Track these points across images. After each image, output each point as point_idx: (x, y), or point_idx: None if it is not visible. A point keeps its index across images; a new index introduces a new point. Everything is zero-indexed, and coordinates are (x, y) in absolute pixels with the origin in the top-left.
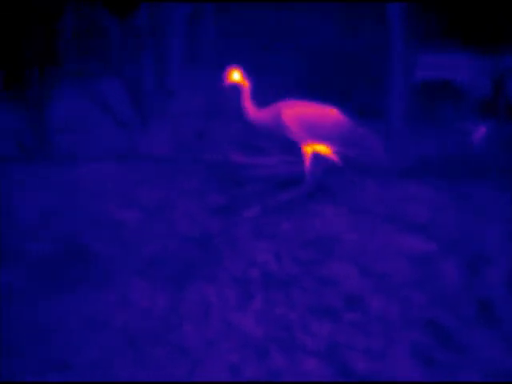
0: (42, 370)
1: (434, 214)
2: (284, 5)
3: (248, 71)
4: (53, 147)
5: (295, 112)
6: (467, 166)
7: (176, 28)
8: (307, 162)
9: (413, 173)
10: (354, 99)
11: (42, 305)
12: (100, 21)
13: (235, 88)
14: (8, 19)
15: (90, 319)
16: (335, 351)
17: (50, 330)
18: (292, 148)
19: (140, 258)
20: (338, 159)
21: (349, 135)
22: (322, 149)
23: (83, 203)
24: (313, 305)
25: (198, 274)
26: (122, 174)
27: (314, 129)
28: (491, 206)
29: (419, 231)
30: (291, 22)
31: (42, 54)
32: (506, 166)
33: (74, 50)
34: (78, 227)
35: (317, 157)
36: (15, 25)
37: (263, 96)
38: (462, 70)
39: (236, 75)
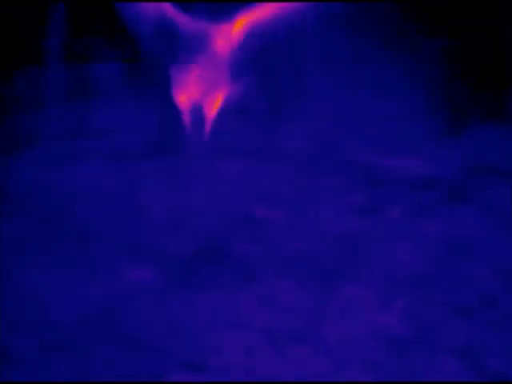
0: (182, 370)
1: None
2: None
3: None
4: (182, 142)
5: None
6: None
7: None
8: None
9: None
10: (481, 103)
11: (177, 304)
12: None
13: None
14: None
15: (229, 319)
16: (472, 351)
17: (188, 330)
18: (425, 150)
19: (282, 257)
20: None
21: None
22: None
23: (218, 201)
24: (452, 305)
25: (341, 273)
26: (257, 171)
27: None
28: None
29: None
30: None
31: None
32: None
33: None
34: (214, 226)
35: None
36: None
37: None
38: None
39: None
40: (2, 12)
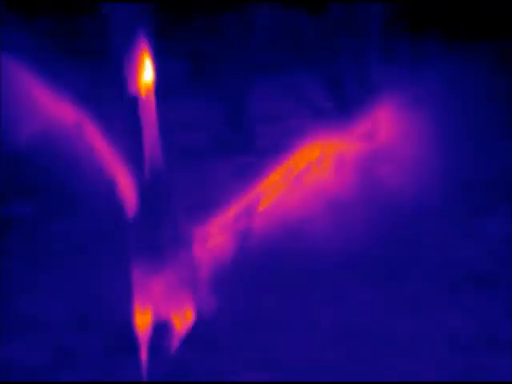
0: (253, 369)
1: None
2: None
3: None
4: (252, 140)
5: None
6: None
7: (372, 28)
8: None
9: None
10: None
11: (242, 304)
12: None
13: None
14: None
15: (296, 319)
16: None
17: (253, 331)
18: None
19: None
20: None
21: None
22: None
23: None
24: None
25: (407, 271)
26: None
27: None
28: None
29: None
30: None
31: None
32: None
33: (267, 44)
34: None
35: None
36: None
37: None
38: None
39: None
40: None
